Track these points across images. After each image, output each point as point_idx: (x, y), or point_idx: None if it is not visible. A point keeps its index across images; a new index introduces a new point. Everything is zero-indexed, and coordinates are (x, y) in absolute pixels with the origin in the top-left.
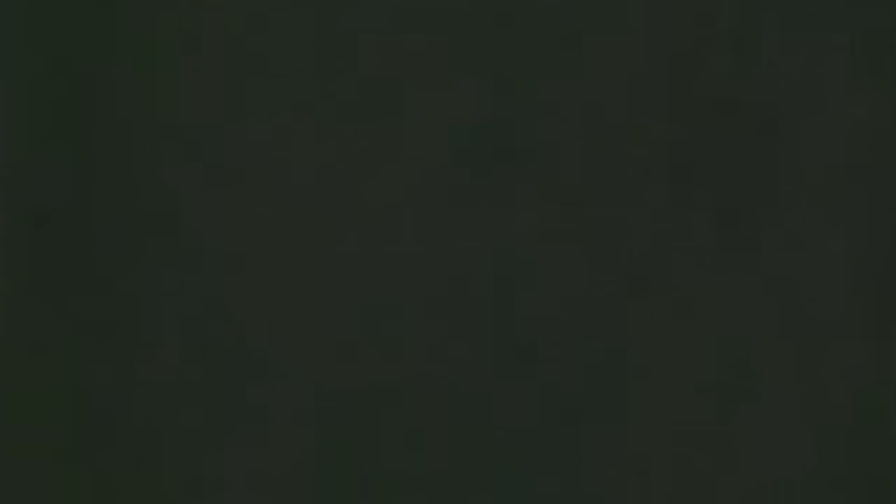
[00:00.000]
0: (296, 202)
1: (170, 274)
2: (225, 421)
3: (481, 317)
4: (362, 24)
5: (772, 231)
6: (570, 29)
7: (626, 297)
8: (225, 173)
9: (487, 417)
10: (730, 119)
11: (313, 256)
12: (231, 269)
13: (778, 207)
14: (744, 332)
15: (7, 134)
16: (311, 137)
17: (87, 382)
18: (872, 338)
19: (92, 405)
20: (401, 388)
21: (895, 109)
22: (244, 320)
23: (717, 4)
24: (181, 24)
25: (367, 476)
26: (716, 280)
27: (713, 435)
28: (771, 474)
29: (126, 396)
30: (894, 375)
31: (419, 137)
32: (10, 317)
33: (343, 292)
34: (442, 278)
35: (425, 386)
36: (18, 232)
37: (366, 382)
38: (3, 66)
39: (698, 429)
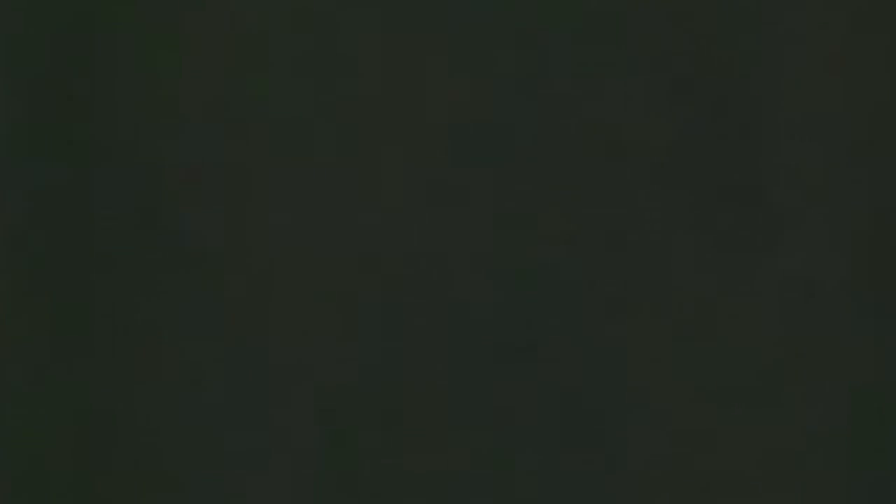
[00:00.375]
0: (296, 201)
1: (170, 273)
2: (225, 420)
3: (480, 317)
4: (363, 22)
5: (771, 231)
6: (568, 29)
7: (625, 296)
8: (225, 172)
9: (486, 418)
10: (730, 119)
11: (313, 255)
12: (231, 269)
13: (777, 207)
14: (744, 332)
15: (7, 134)
16: (311, 136)
17: (87, 382)
18: (873, 338)
19: (92, 406)
20: (401, 388)
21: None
22: (244, 320)
23: (717, 5)
24: (181, 24)
25: (370, 478)
26: (714, 280)
27: (714, 435)
28: (771, 475)
29: (126, 397)
30: (895, 375)
31: (419, 137)
32: (9, 317)
33: (342, 291)
34: (442, 278)
35: (425, 385)
36: (18, 232)
37: (366, 382)
38: (3, 65)
39: (698, 429)
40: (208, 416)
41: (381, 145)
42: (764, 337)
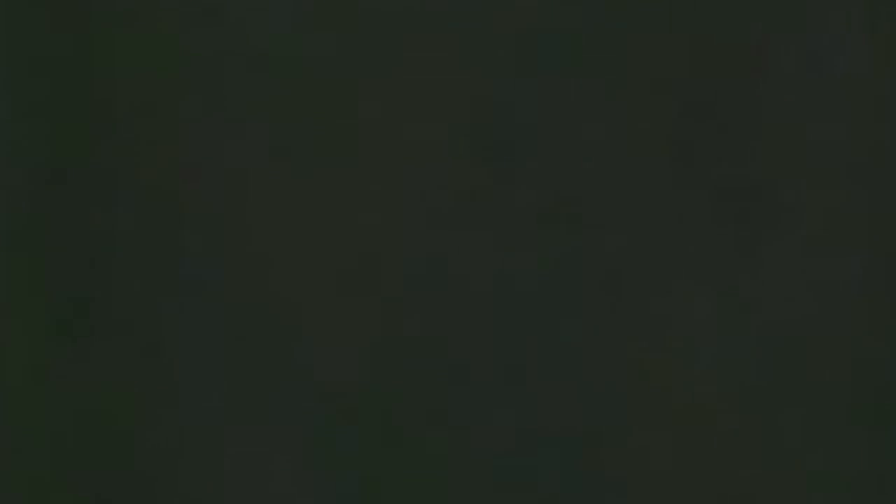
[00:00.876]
0: (297, 201)
1: (170, 273)
2: (226, 420)
3: (481, 313)
4: (363, 22)
5: (780, 231)
6: (571, 26)
7: (632, 296)
8: (225, 172)
9: (488, 414)
10: (738, 117)
11: (314, 256)
12: (231, 268)
13: (782, 206)
14: (753, 332)
15: (7, 135)
16: (311, 136)
17: (87, 382)
18: (881, 335)
19: (91, 406)
20: (401, 387)
21: None
22: (244, 319)
23: (724, 4)
24: (181, 25)
25: (371, 482)
26: (717, 278)
27: (720, 436)
28: (781, 477)
29: (126, 398)
30: None
31: (419, 135)
32: (9, 317)
33: (341, 289)
34: (442, 281)
35: (426, 389)
36: (19, 231)
37: (368, 384)
38: (3, 65)
39: (705, 429)
40: (208, 416)
41: (382, 145)
42: (774, 338)
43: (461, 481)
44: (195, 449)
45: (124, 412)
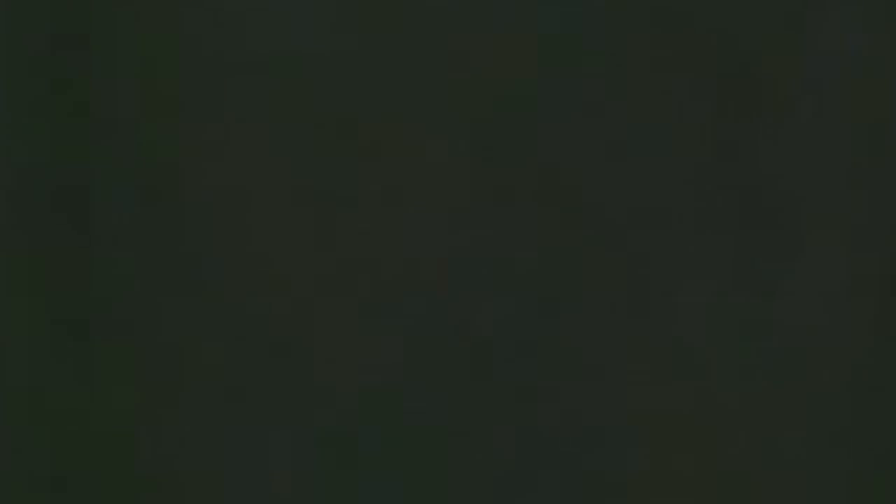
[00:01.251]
0: (295, 201)
1: (170, 273)
2: (227, 421)
3: (481, 313)
4: (364, 22)
5: (793, 241)
6: (572, 26)
7: (630, 298)
8: (225, 171)
9: (488, 413)
10: (752, 124)
11: (314, 254)
12: (232, 266)
13: (800, 217)
14: (764, 343)
15: (7, 133)
16: (311, 136)
17: (87, 382)
18: (882, 346)
19: (91, 406)
20: (401, 387)
21: None
22: (244, 319)
23: (724, 4)
24: (181, 23)
25: (371, 488)
26: (719, 280)
27: (727, 445)
28: (775, 479)
29: (126, 396)
30: None
31: (419, 135)
32: (8, 314)
33: (341, 289)
34: (444, 274)
35: (425, 383)
36: (19, 231)
37: (366, 380)
38: (3, 65)
39: (699, 427)
40: (209, 416)
41: (382, 145)
42: (785, 349)
43: (461, 481)
44: (195, 449)
45: (124, 412)
